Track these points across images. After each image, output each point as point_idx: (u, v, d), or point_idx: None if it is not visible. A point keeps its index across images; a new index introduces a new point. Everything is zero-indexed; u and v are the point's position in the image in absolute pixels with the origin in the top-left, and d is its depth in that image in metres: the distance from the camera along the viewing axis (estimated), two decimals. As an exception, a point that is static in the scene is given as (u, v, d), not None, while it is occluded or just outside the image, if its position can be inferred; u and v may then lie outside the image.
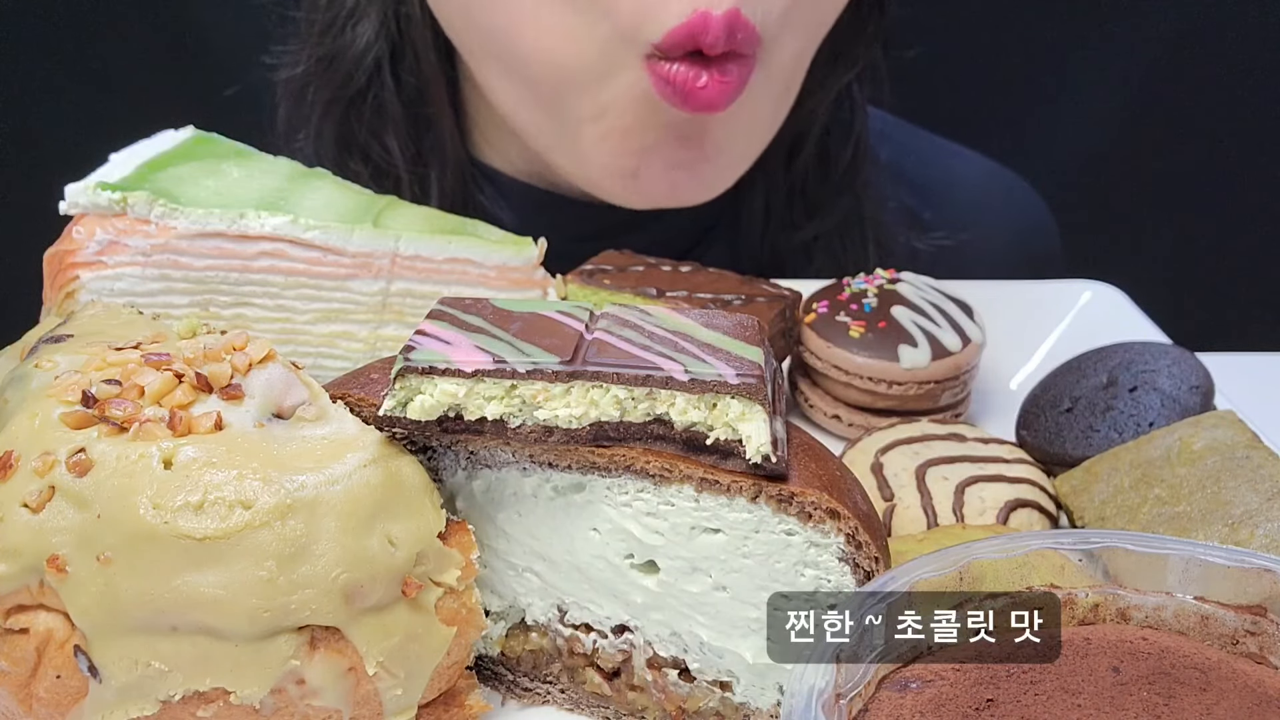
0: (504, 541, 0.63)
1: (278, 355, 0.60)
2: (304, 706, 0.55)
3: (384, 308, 0.80)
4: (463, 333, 0.58)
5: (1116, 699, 0.49)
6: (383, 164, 1.07)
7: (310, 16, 1.06)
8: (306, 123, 1.09)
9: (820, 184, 1.12)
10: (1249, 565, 0.53)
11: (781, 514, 0.57)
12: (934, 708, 0.49)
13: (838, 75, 1.05)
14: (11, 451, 0.54)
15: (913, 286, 0.91)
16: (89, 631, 0.53)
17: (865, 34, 1.05)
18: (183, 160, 0.80)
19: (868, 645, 0.51)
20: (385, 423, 0.57)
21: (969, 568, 0.55)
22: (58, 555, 0.52)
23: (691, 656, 0.62)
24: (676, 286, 0.88)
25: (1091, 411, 0.81)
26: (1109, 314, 1.01)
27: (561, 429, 0.57)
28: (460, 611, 0.58)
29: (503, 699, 0.66)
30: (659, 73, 0.85)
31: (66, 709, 0.54)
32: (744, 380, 0.55)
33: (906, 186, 1.19)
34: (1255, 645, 0.53)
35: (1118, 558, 0.56)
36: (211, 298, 0.76)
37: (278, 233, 0.76)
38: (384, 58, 1.03)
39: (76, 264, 0.73)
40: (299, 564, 0.53)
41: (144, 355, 0.58)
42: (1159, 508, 0.69)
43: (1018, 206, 1.28)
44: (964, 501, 0.73)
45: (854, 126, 1.12)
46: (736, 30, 0.83)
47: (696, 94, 0.85)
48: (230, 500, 0.53)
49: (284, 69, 1.09)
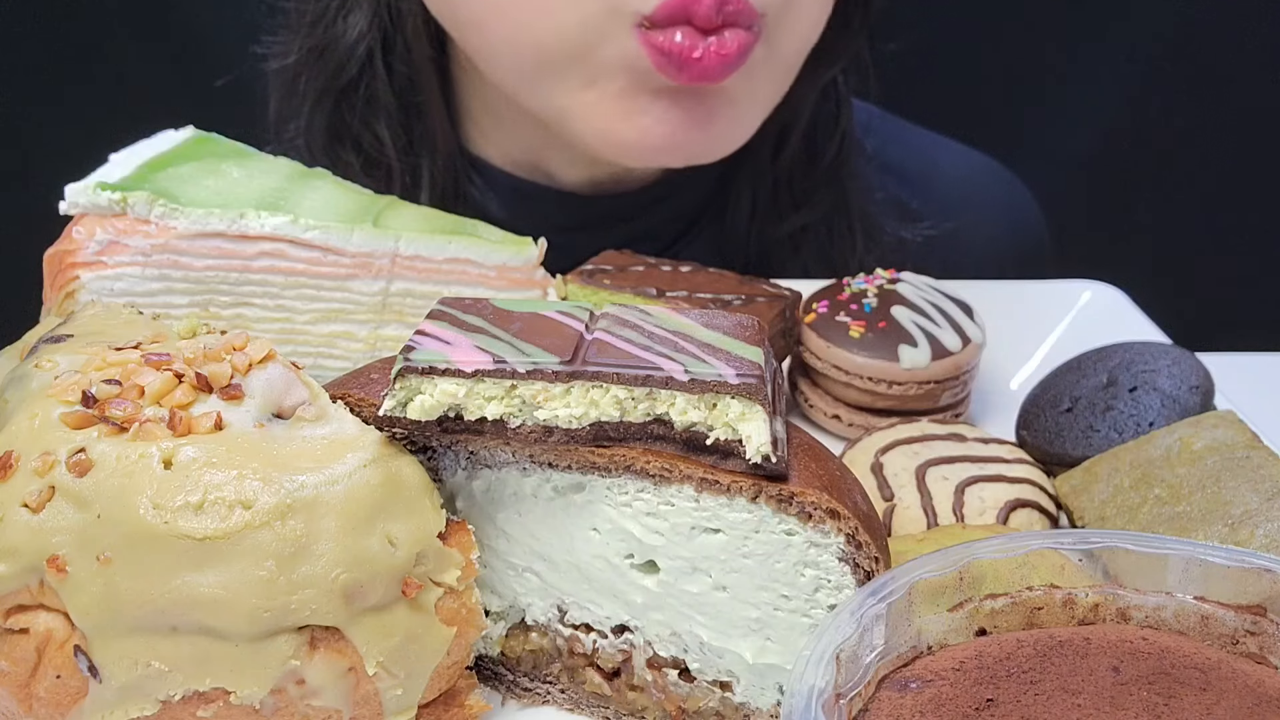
0: (504, 541, 0.63)
1: (278, 355, 0.59)
2: (304, 706, 0.55)
3: (384, 308, 0.80)
4: (463, 333, 0.58)
5: (1116, 699, 0.49)
6: (374, 154, 1.07)
7: (301, 7, 1.06)
8: (298, 113, 1.09)
9: (806, 176, 1.12)
10: (1249, 565, 0.54)
11: (781, 514, 0.57)
12: (934, 708, 0.49)
13: (823, 67, 1.05)
14: (11, 451, 0.54)
15: (913, 286, 0.91)
16: (89, 631, 0.53)
17: (850, 27, 1.05)
18: (183, 160, 0.80)
19: (868, 645, 0.51)
20: (385, 423, 0.57)
21: (969, 568, 0.55)
22: (58, 555, 0.52)
23: (691, 656, 0.62)
24: (676, 286, 0.88)
25: (1091, 411, 0.81)
26: (1109, 314, 1.01)
27: (561, 429, 0.57)
28: (460, 611, 0.58)
29: (503, 699, 0.66)
30: (652, 42, 0.84)
31: (66, 709, 0.54)
32: (744, 380, 0.55)
33: (893, 177, 1.19)
34: (1255, 645, 0.53)
35: (1118, 558, 0.56)
36: (211, 298, 0.76)
37: (278, 233, 0.76)
38: (376, 47, 1.03)
39: (76, 264, 0.73)
40: (299, 564, 0.53)
41: (144, 355, 0.58)
42: (1159, 508, 0.69)
43: (1004, 196, 1.28)
44: (964, 501, 0.73)
45: (840, 119, 1.12)
46: (728, 3, 0.82)
47: (693, 64, 0.84)
48: (230, 500, 0.53)
49: (275, 59, 1.09)
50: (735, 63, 0.85)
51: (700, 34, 0.83)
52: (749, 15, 0.84)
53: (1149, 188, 1.74)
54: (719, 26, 0.83)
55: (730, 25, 0.84)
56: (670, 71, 0.85)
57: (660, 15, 0.83)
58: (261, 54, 1.10)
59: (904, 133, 1.27)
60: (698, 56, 0.83)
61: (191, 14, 1.53)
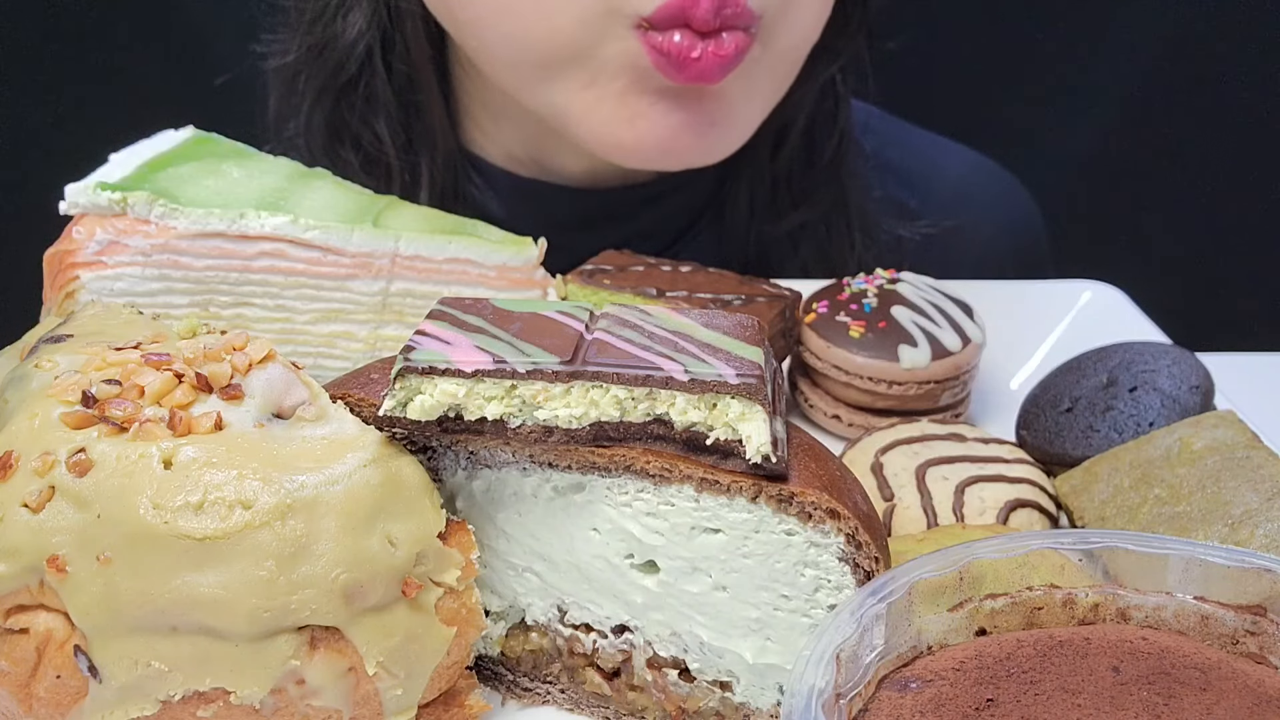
0: (504, 541, 0.63)
1: (278, 355, 0.59)
2: (304, 706, 0.55)
3: (384, 308, 0.80)
4: (463, 333, 0.58)
5: (1116, 699, 0.49)
6: (374, 152, 1.07)
7: (300, 5, 1.06)
8: (297, 112, 1.09)
9: (805, 175, 1.13)
10: (1249, 565, 0.54)
11: (781, 514, 0.57)
12: (934, 708, 0.49)
13: (822, 66, 1.05)
14: (11, 451, 0.54)
15: (913, 286, 0.91)
16: (89, 631, 0.53)
17: (849, 26, 1.05)
18: (183, 160, 0.80)
19: (868, 645, 0.51)
20: (385, 423, 0.57)
21: (969, 568, 0.55)
22: (58, 555, 0.52)
23: (691, 656, 0.62)
24: (676, 286, 0.88)
25: (1091, 411, 0.81)
26: (1109, 314, 1.01)
27: (561, 429, 0.57)
28: (460, 611, 0.58)
29: (503, 699, 0.66)
30: (652, 43, 0.85)
31: (66, 709, 0.54)
32: (744, 380, 0.55)
33: (892, 177, 1.19)
34: (1255, 645, 0.53)
35: (1118, 557, 0.56)
36: (211, 298, 0.76)
37: (278, 233, 0.76)
38: (375, 46, 1.03)
39: (76, 264, 0.73)
40: (299, 564, 0.53)
41: (144, 355, 0.58)
42: (1159, 508, 0.69)
43: (1002, 196, 1.29)
44: (964, 501, 0.73)
45: (838, 118, 1.12)
46: (726, 6, 0.83)
47: (691, 64, 0.85)
48: (230, 500, 0.53)
49: (274, 58, 1.09)
50: (732, 63, 0.86)
51: (698, 36, 0.84)
52: (746, 18, 0.85)
53: (1149, 188, 1.74)
54: (717, 29, 0.84)
55: (728, 28, 0.84)
56: (669, 71, 0.85)
57: (659, 17, 0.83)
58: (261, 53, 1.10)
59: (903, 133, 1.27)
60: (696, 56, 0.84)
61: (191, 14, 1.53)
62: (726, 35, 0.85)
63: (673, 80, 0.86)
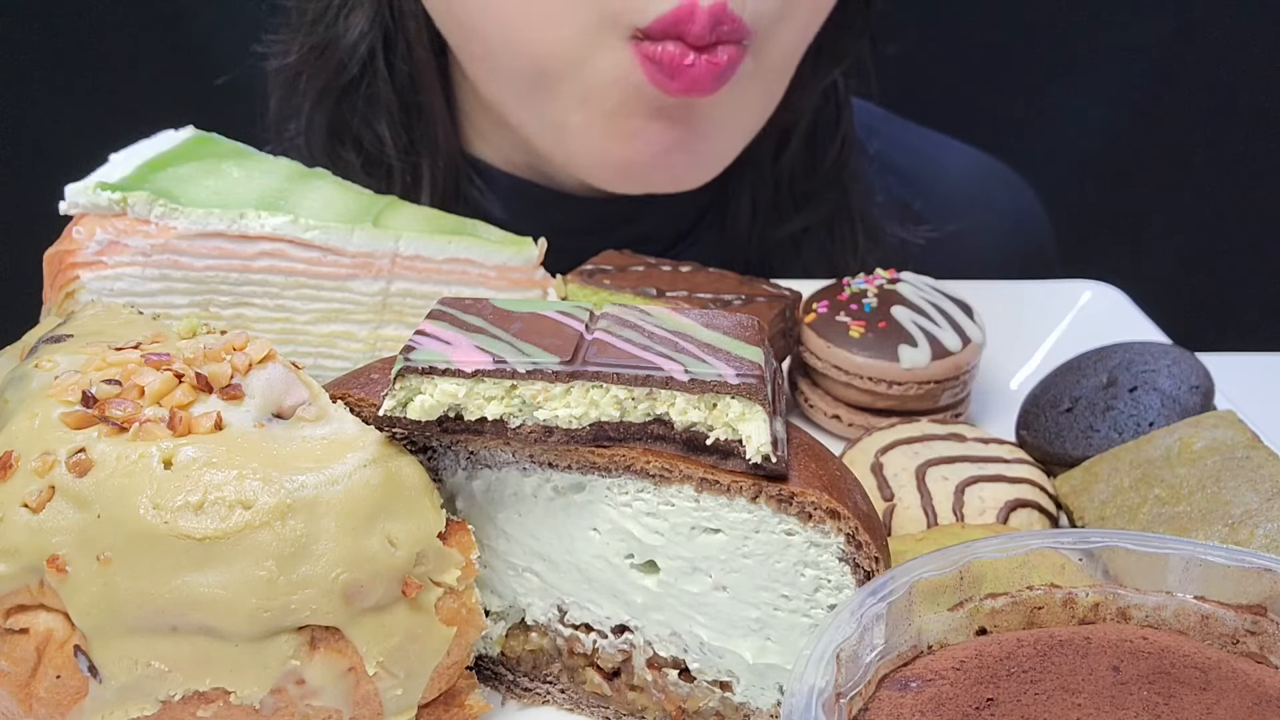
0: (504, 541, 0.63)
1: (278, 355, 0.60)
2: (304, 706, 0.55)
3: (384, 308, 0.80)
4: (463, 333, 0.58)
5: (1116, 698, 0.49)
6: (375, 153, 1.07)
7: (302, 5, 1.06)
8: (298, 112, 1.09)
9: (807, 178, 1.13)
10: (1249, 565, 0.54)
11: (781, 514, 0.57)
12: (934, 707, 0.49)
13: (824, 70, 1.05)
14: (11, 451, 0.54)
15: (913, 286, 0.91)
16: (89, 631, 0.53)
17: (852, 28, 1.05)
18: (183, 160, 0.80)
19: (868, 645, 0.51)
20: (385, 423, 0.57)
21: (969, 568, 0.55)
22: (58, 555, 0.52)
23: (691, 656, 0.62)
24: (676, 286, 0.88)
25: (1091, 411, 0.81)
26: (1109, 314, 1.01)
27: (561, 429, 0.57)
28: (460, 611, 0.58)
29: (503, 699, 0.66)
30: (645, 53, 0.85)
31: (66, 709, 0.54)
32: (744, 380, 0.55)
33: (896, 178, 1.19)
34: (1255, 645, 0.53)
35: (1118, 557, 0.56)
36: (211, 298, 0.76)
37: (278, 233, 0.76)
38: (377, 47, 1.03)
39: (76, 264, 0.73)
40: (299, 564, 0.53)
41: (144, 355, 0.58)
42: (1159, 508, 0.69)
43: (1008, 197, 1.28)
44: (964, 501, 0.73)
45: (840, 121, 1.12)
46: (722, 22, 0.83)
47: (684, 72, 0.85)
48: (230, 500, 0.53)
49: (275, 58, 1.09)
50: (726, 74, 0.86)
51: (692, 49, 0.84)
52: (741, 32, 0.85)
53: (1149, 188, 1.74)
54: (712, 44, 0.84)
55: (722, 43, 0.84)
56: (662, 81, 0.86)
57: (655, 29, 0.84)
58: (262, 53, 1.10)
59: (908, 134, 1.27)
60: (689, 64, 0.84)
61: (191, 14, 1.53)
62: (720, 48, 0.85)
63: (665, 90, 0.86)
